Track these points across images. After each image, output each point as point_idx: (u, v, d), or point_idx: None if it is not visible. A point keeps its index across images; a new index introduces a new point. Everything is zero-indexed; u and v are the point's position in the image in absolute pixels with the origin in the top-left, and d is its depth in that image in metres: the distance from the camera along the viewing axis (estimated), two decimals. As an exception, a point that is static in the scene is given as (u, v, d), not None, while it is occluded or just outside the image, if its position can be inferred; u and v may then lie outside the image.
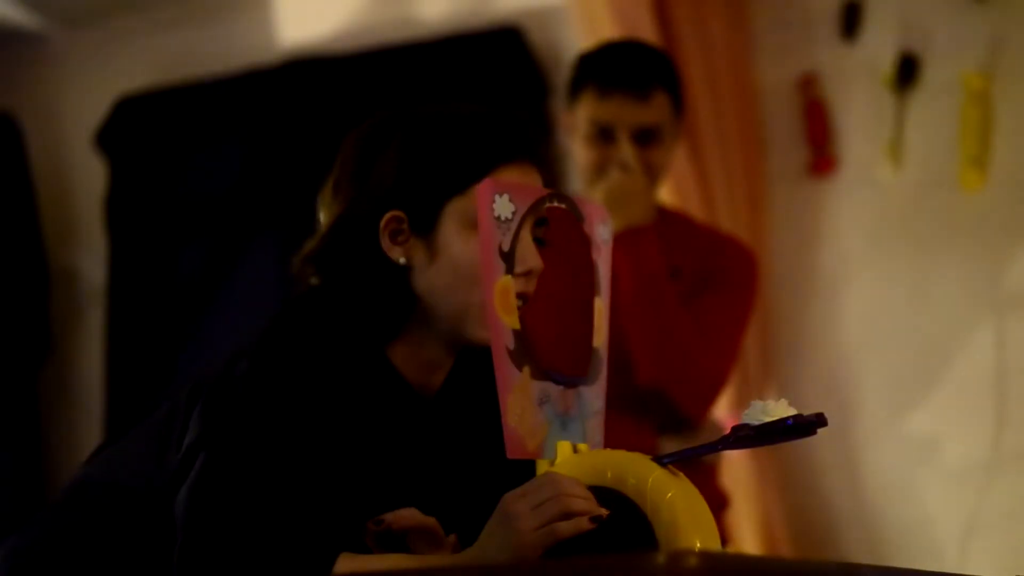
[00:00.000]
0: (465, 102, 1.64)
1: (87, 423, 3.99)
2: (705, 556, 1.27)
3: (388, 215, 1.57)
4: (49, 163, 4.12)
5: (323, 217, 1.64)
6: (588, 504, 1.44)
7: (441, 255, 1.56)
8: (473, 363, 1.65)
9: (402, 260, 1.57)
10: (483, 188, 1.50)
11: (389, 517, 1.51)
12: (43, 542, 1.64)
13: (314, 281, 1.63)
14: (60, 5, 4.04)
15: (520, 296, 1.53)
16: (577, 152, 2.57)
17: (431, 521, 1.53)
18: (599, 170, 2.52)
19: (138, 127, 3.99)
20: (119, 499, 1.62)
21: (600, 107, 2.50)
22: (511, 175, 1.56)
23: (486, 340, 1.51)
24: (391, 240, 1.58)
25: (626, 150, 2.49)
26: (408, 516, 1.52)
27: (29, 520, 1.68)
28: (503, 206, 1.51)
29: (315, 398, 1.52)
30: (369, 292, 1.58)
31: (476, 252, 1.52)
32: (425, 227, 1.56)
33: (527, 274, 1.55)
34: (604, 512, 1.43)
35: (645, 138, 2.51)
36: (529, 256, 1.54)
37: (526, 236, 1.54)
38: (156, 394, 3.87)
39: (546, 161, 1.62)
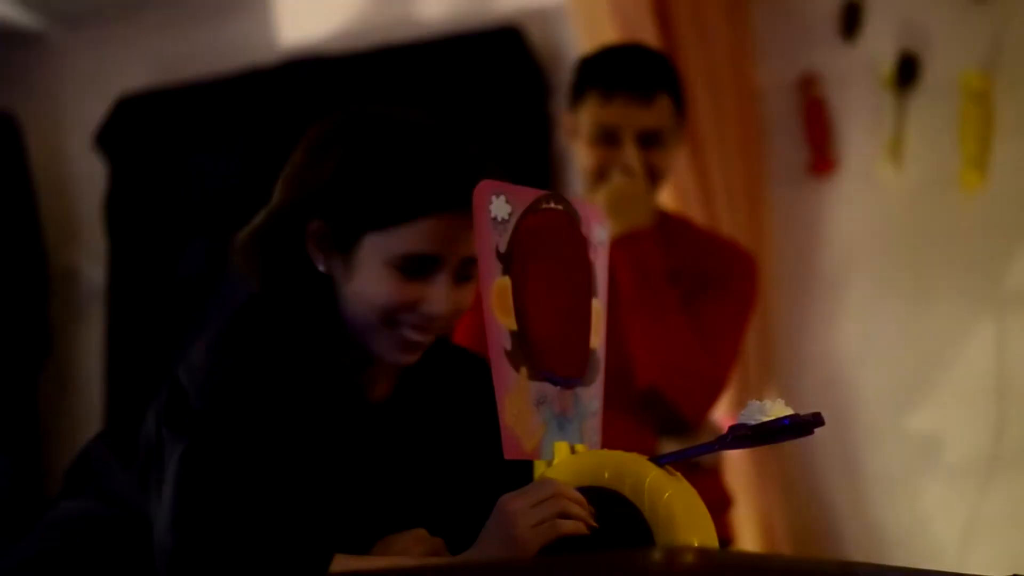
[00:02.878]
0: (432, 121, 1.59)
1: (87, 423, 3.99)
2: (702, 553, 1.27)
3: (315, 222, 1.57)
4: (49, 163, 4.13)
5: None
6: (584, 511, 1.44)
7: (355, 278, 1.55)
8: (420, 368, 1.64)
9: (322, 268, 1.58)
10: (480, 189, 1.49)
11: None
12: (34, 562, 1.64)
13: (247, 274, 1.64)
14: (60, 5, 4.04)
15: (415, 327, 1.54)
16: (580, 155, 2.57)
17: (438, 543, 1.54)
18: (602, 173, 2.52)
19: (138, 127, 3.99)
20: (108, 520, 1.62)
21: (604, 110, 2.51)
22: (432, 225, 1.52)
23: (395, 360, 1.56)
24: (316, 246, 1.58)
25: (630, 153, 2.50)
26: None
27: (20, 541, 1.67)
28: (499, 207, 1.51)
29: (273, 400, 1.51)
30: (299, 295, 1.59)
31: (384, 291, 1.52)
32: (343, 246, 1.56)
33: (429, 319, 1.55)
34: (594, 524, 1.44)
35: (649, 141, 2.51)
36: (439, 303, 1.54)
37: (443, 279, 1.54)
38: (156, 394, 3.87)
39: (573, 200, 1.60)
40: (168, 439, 1.51)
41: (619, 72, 2.53)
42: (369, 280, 1.54)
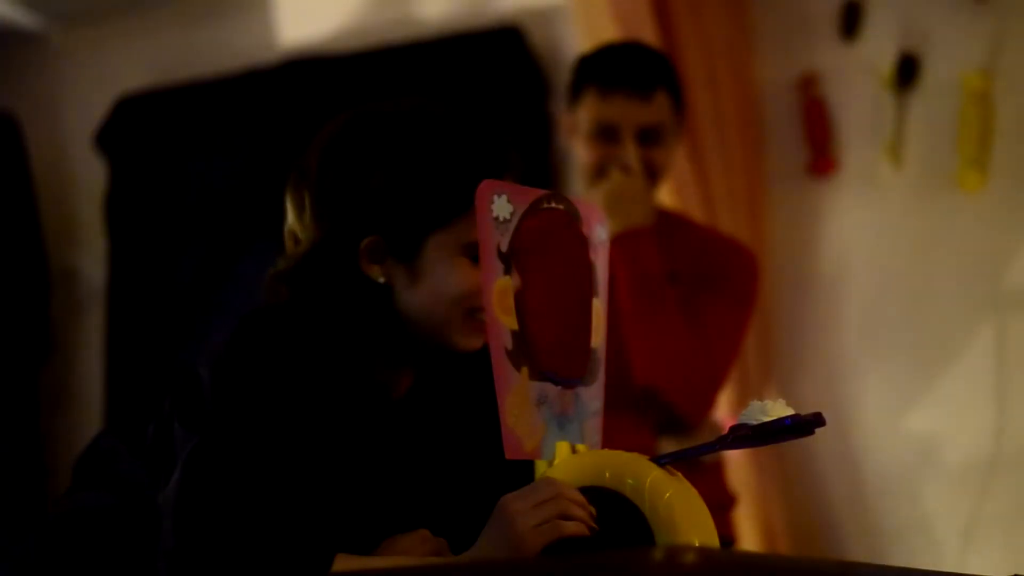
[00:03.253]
0: (444, 107, 1.61)
1: (87, 423, 3.99)
2: (703, 552, 1.27)
3: (368, 240, 1.57)
4: (49, 163, 4.13)
5: (292, 221, 1.64)
6: (585, 512, 1.44)
7: (424, 279, 1.56)
8: (440, 365, 1.65)
9: (382, 279, 1.58)
10: (482, 189, 1.50)
11: None
12: (41, 557, 1.63)
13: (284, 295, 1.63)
14: (60, 5, 4.04)
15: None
16: (579, 152, 2.58)
17: (442, 543, 1.54)
18: (601, 169, 2.52)
19: (138, 127, 3.99)
20: (110, 519, 1.61)
21: (603, 106, 2.51)
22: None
23: (471, 346, 1.57)
24: (370, 260, 1.58)
25: (629, 150, 2.50)
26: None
27: (26, 535, 1.66)
28: (502, 207, 1.51)
29: (290, 397, 1.50)
30: (349, 310, 1.59)
31: (463, 279, 1.54)
32: (406, 255, 1.57)
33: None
34: (595, 526, 1.44)
35: (647, 138, 2.52)
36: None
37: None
38: (156, 394, 3.87)
39: (521, 175, 1.61)
40: (180, 435, 1.51)
41: (618, 69, 2.54)
42: (442, 277, 1.56)
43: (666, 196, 3.16)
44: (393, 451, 1.60)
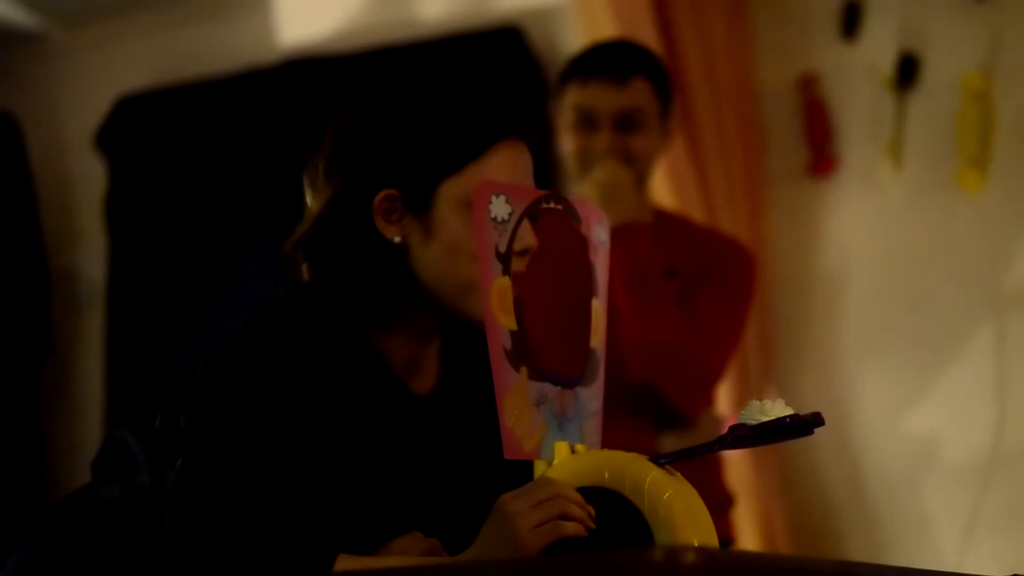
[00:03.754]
0: (449, 79, 1.62)
1: (87, 423, 3.99)
2: (702, 552, 1.27)
3: (381, 194, 1.56)
4: (49, 163, 4.13)
5: (311, 200, 1.63)
6: (584, 512, 1.44)
7: (438, 233, 1.55)
8: (463, 361, 1.65)
9: (397, 239, 1.56)
10: (480, 189, 1.49)
11: None
12: (46, 557, 1.63)
13: (304, 270, 1.62)
14: (60, 5, 4.04)
15: (515, 278, 1.52)
16: (563, 142, 2.60)
17: (435, 544, 1.53)
18: (583, 158, 2.55)
19: (138, 127, 3.99)
20: (122, 513, 1.61)
21: (581, 93, 2.56)
22: (503, 153, 1.56)
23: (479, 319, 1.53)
24: (385, 219, 1.56)
25: (604, 136, 2.52)
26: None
27: (30, 537, 1.66)
28: (500, 207, 1.51)
29: (304, 393, 1.49)
30: (365, 274, 1.57)
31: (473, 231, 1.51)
32: (420, 206, 1.56)
33: (523, 253, 1.54)
34: (593, 526, 1.44)
35: (625, 124, 2.54)
36: (526, 234, 1.54)
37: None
38: (156, 395, 3.87)
39: (535, 138, 1.61)
40: (184, 427, 1.51)
41: (595, 58, 2.59)
42: (454, 227, 1.54)
43: (666, 196, 3.16)
44: (411, 451, 1.59)
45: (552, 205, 1.56)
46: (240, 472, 1.44)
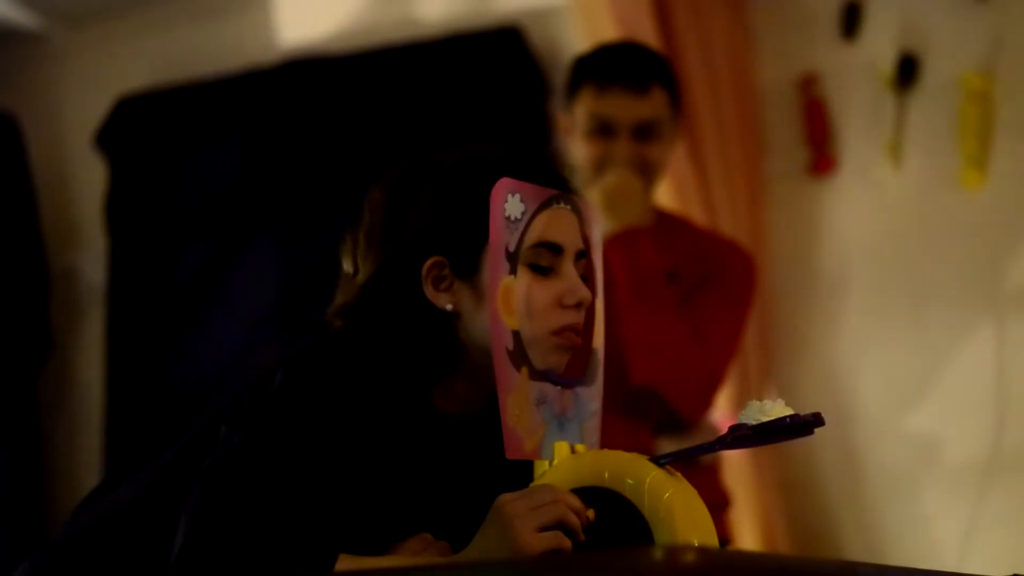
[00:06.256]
0: (488, 144, 1.61)
1: (87, 423, 3.99)
2: (702, 552, 1.27)
3: (429, 261, 1.54)
4: (49, 163, 4.13)
5: (349, 268, 1.60)
6: (580, 520, 1.44)
7: (488, 297, 1.51)
8: None
9: (449, 307, 1.54)
10: (498, 187, 1.50)
11: None
12: (56, 567, 1.62)
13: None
14: (60, 5, 4.04)
15: (572, 329, 1.52)
16: (576, 150, 2.58)
17: (444, 546, 1.52)
18: (599, 166, 2.53)
19: (138, 127, 3.99)
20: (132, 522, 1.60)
21: (599, 102, 2.53)
22: (549, 212, 1.54)
23: (560, 365, 1.53)
24: (435, 287, 1.55)
25: (624, 146, 2.51)
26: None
27: (39, 549, 1.65)
28: (514, 206, 1.51)
29: (345, 416, 1.48)
30: (414, 342, 1.54)
31: (527, 289, 1.51)
32: (469, 270, 1.54)
33: (577, 306, 1.53)
34: (582, 538, 1.43)
35: (644, 133, 2.53)
36: (579, 289, 1.53)
37: (570, 268, 1.54)
38: (155, 395, 3.87)
39: (578, 198, 1.59)
40: (224, 436, 1.50)
41: (615, 64, 2.56)
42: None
43: (666, 196, 3.16)
44: (441, 470, 1.58)
45: (562, 205, 1.57)
46: (260, 475, 1.44)
